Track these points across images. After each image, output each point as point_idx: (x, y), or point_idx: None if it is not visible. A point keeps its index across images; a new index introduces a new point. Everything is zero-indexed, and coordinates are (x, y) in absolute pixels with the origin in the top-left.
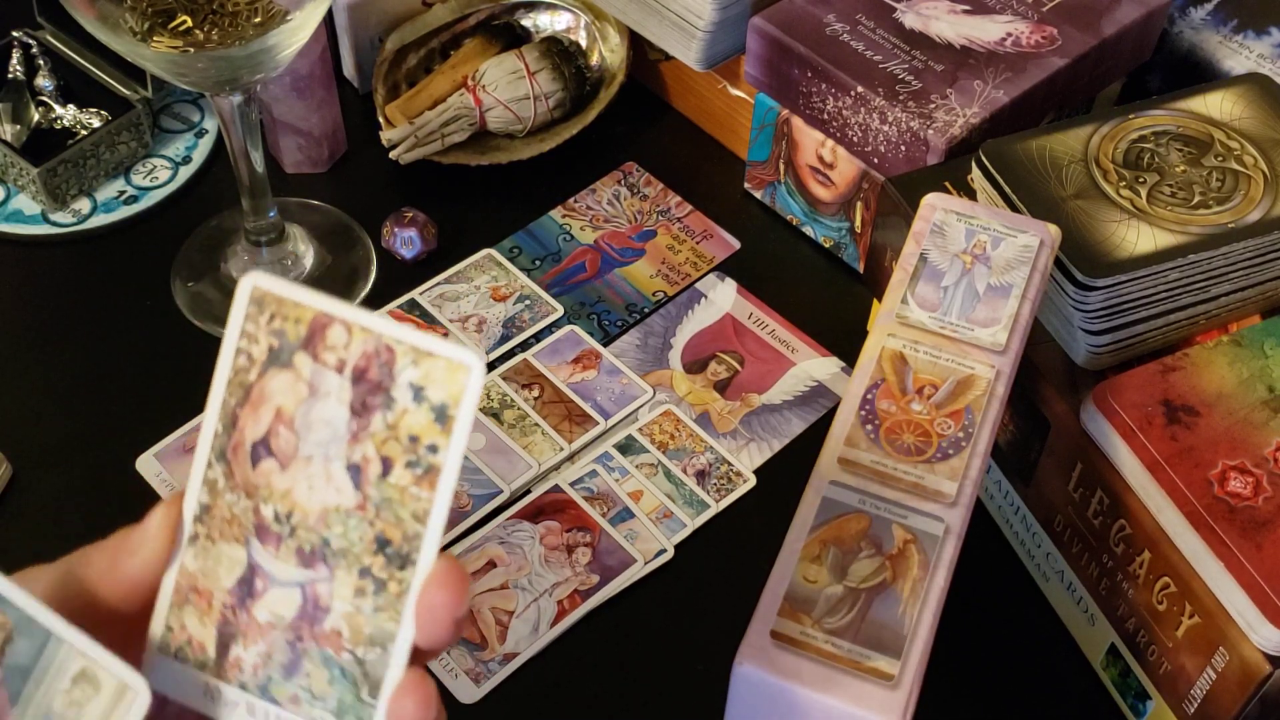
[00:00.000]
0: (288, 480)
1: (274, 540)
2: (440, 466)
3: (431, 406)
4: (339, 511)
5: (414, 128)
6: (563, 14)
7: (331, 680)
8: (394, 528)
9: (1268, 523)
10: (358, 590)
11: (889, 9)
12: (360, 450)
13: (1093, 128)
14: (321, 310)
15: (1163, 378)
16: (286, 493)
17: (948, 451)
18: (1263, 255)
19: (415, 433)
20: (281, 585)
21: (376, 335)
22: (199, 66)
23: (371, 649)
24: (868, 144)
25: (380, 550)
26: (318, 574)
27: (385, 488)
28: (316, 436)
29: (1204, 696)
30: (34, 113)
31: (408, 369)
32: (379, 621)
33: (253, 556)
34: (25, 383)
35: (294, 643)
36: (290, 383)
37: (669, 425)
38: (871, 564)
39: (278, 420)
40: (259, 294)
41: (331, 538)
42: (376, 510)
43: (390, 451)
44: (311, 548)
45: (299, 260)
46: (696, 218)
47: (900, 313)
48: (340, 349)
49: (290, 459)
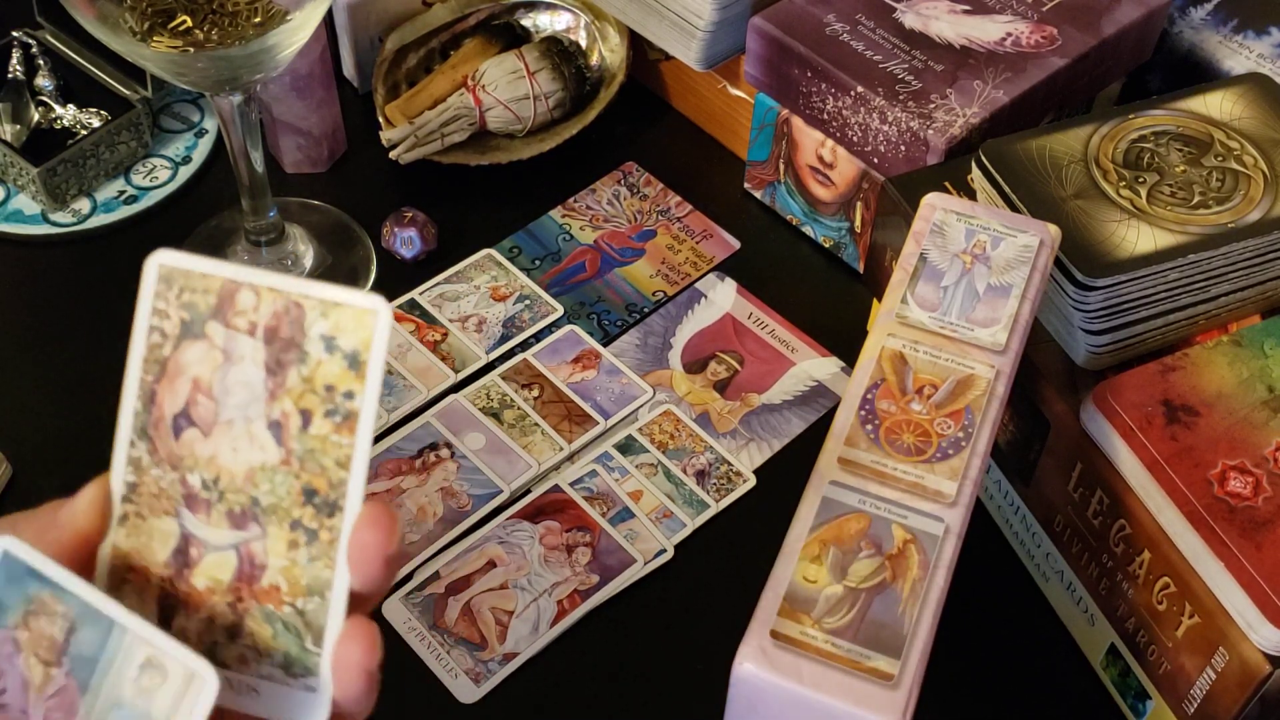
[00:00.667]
0: (211, 447)
1: (204, 507)
2: (358, 411)
3: (344, 355)
4: (264, 469)
5: (414, 128)
6: (563, 14)
7: (275, 635)
8: (319, 477)
9: (1267, 523)
10: (291, 543)
11: (889, 9)
12: (279, 407)
13: (1093, 128)
14: (228, 278)
15: (1162, 378)
16: (211, 459)
17: (947, 451)
18: (1262, 255)
19: (331, 382)
20: (216, 549)
21: (284, 294)
22: (199, 66)
23: (310, 599)
24: (868, 144)
25: (309, 501)
26: (250, 533)
27: (307, 439)
28: (235, 400)
29: (1204, 696)
30: (34, 113)
31: (318, 322)
32: (315, 571)
33: (184, 526)
34: (25, 382)
35: (234, 604)
36: (205, 352)
37: (669, 425)
38: (871, 564)
39: (195, 390)
40: (166, 271)
41: (260, 495)
42: (301, 462)
43: (308, 404)
44: (241, 508)
45: (299, 260)
46: (696, 218)
47: (900, 313)
48: (250, 312)
49: (212, 425)
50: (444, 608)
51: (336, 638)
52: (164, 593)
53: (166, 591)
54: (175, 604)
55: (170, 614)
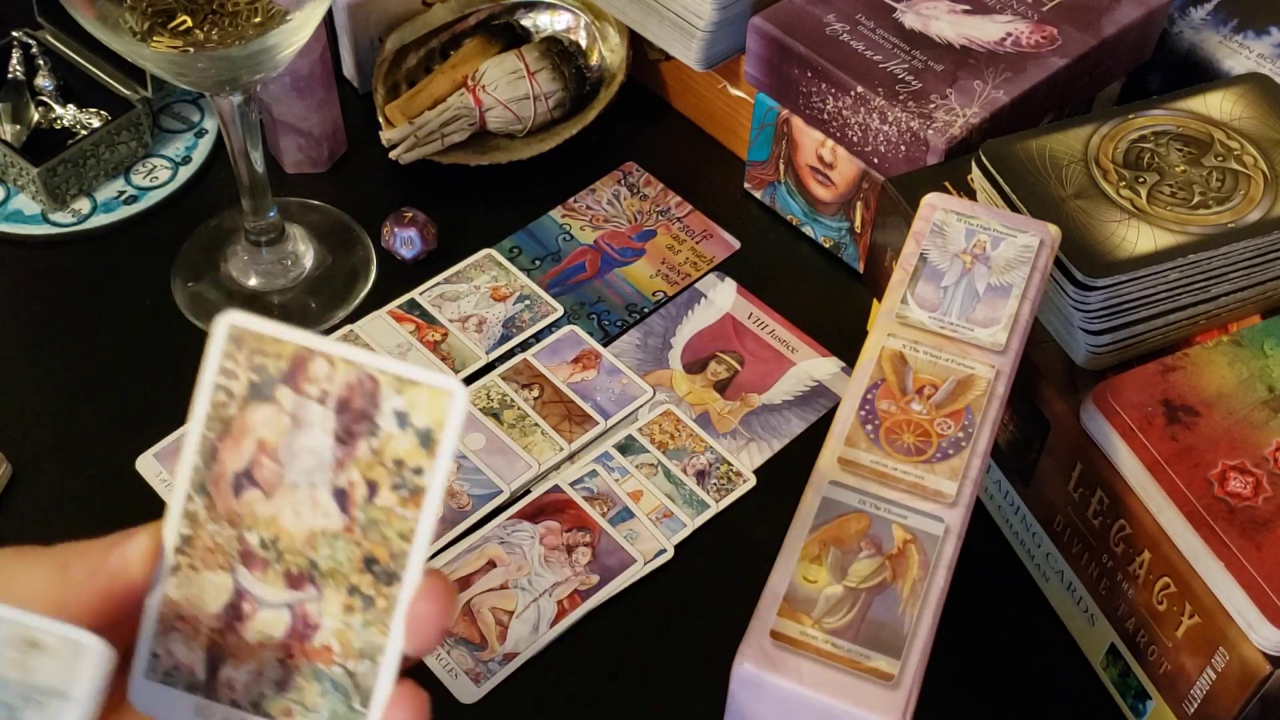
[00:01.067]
0: (273, 508)
1: (260, 565)
2: (425, 487)
3: (417, 432)
4: (326, 534)
5: (414, 128)
6: (562, 14)
7: (323, 693)
8: (381, 547)
9: (1267, 522)
10: (346, 607)
11: (889, 9)
12: (346, 476)
13: (1093, 128)
14: (301, 345)
15: (1163, 378)
16: (272, 520)
17: (947, 451)
18: (1262, 255)
19: (400, 457)
20: (270, 607)
21: (359, 366)
22: (199, 66)
23: (361, 661)
24: (868, 144)
25: (368, 569)
26: (306, 594)
27: (372, 510)
28: (301, 465)
29: (1204, 696)
30: (34, 113)
31: (391, 397)
32: (368, 635)
33: (239, 582)
34: (25, 383)
35: (285, 660)
36: (273, 415)
37: (669, 425)
38: (871, 564)
39: (260, 451)
40: (236, 332)
41: (319, 559)
42: (363, 531)
43: (376, 476)
44: (299, 570)
45: (299, 260)
46: (696, 218)
47: (900, 313)
48: (323, 381)
49: (275, 487)
50: None
51: (385, 701)
52: (213, 643)
53: (215, 642)
54: (224, 654)
55: (217, 663)
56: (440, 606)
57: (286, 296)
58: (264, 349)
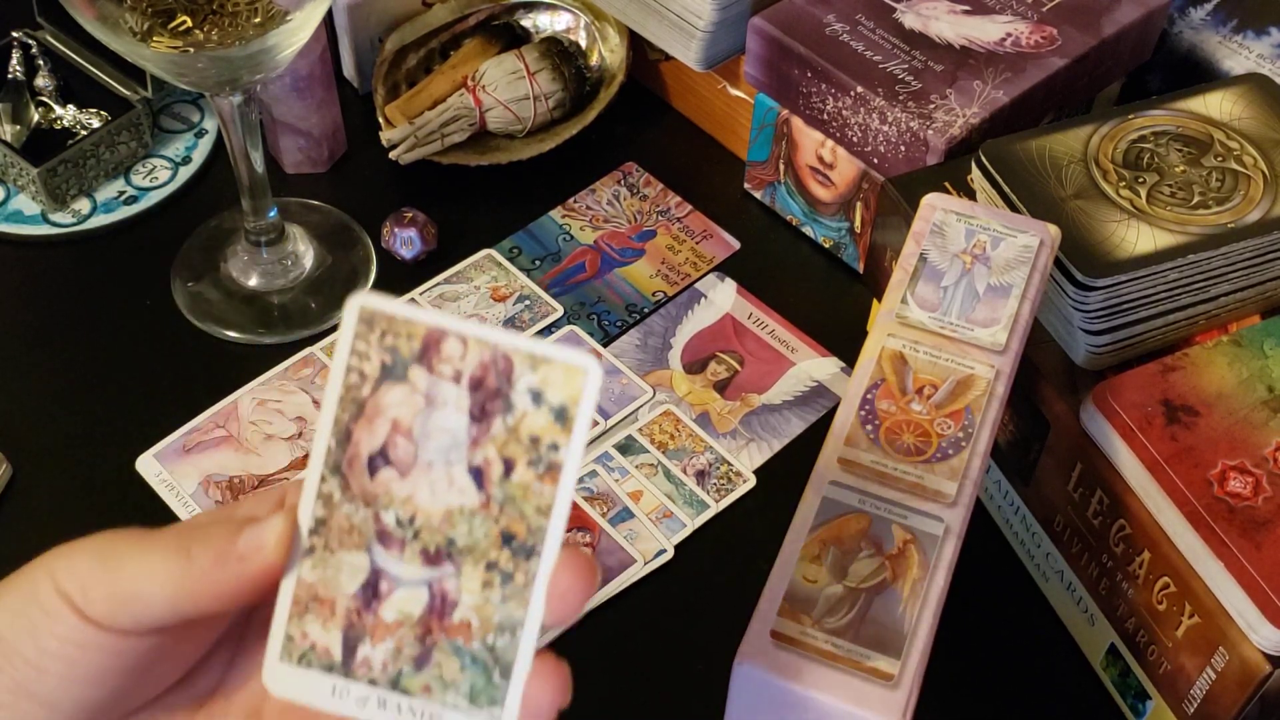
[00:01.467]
0: (408, 487)
1: (397, 544)
2: (562, 463)
3: (551, 408)
4: (463, 512)
5: (414, 128)
6: (562, 14)
7: (463, 667)
8: (518, 522)
9: (1267, 522)
10: (485, 583)
11: (889, 9)
12: (482, 453)
13: (1092, 128)
14: (433, 325)
15: (1162, 378)
16: (407, 499)
17: (947, 451)
18: (1262, 255)
19: (536, 434)
20: (407, 585)
21: (492, 345)
22: (199, 67)
23: (501, 635)
24: (867, 144)
25: (506, 544)
26: (444, 571)
27: (508, 487)
28: (436, 444)
29: (1204, 696)
30: (34, 113)
31: (526, 375)
32: (508, 610)
33: (375, 561)
34: (25, 383)
35: (423, 637)
36: (406, 395)
37: (669, 425)
38: (871, 564)
39: (395, 431)
40: (368, 313)
41: (456, 536)
42: (500, 508)
43: (512, 453)
44: (436, 548)
45: (299, 260)
46: (696, 218)
47: (900, 313)
48: (456, 360)
49: (409, 467)
50: None
51: (525, 673)
52: (349, 623)
53: (352, 622)
54: (361, 633)
55: (354, 643)
56: (583, 578)
57: (286, 297)
58: (395, 329)
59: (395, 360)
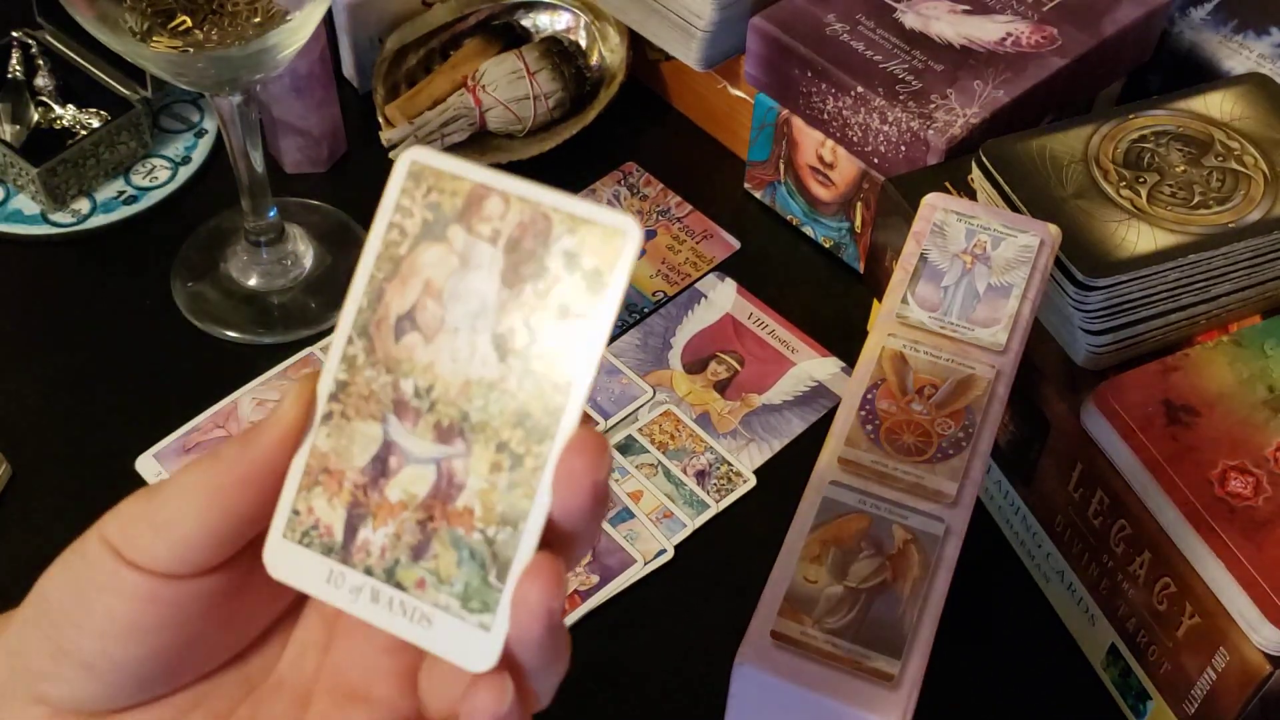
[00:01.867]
0: (431, 353)
1: (412, 416)
2: (587, 336)
3: (584, 273)
4: (482, 384)
5: (414, 128)
6: (562, 14)
7: (460, 562)
8: (536, 400)
9: (1268, 523)
10: (494, 465)
11: (889, 9)
12: (508, 321)
13: (1093, 128)
14: (480, 182)
15: (1163, 378)
16: (429, 366)
17: (948, 452)
18: (1263, 255)
19: (565, 300)
20: (416, 462)
21: (534, 204)
22: (198, 66)
23: (503, 528)
24: (868, 144)
25: (520, 423)
26: (454, 449)
27: (531, 359)
28: (464, 308)
29: (1204, 697)
30: (33, 113)
31: (563, 237)
32: (513, 499)
33: (389, 433)
34: (24, 383)
35: (424, 522)
36: (442, 255)
37: (669, 425)
38: (872, 564)
39: (425, 293)
40: (417, 168)
41: (472, 411)
42: (519, 382)
43: (538, 321)
44: (450, 422)
45: (299, 260)
46: (696, 218)
47: (900, 313)
48: (496, 219)
49: (435, 332)
50: None
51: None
52: (355, 500)
53: (357, 500)
54: (365, 513)
55: (357, 523)
56: (591, 460)
57: (286, 297)
58: (442, 185)
59: (437, 217)
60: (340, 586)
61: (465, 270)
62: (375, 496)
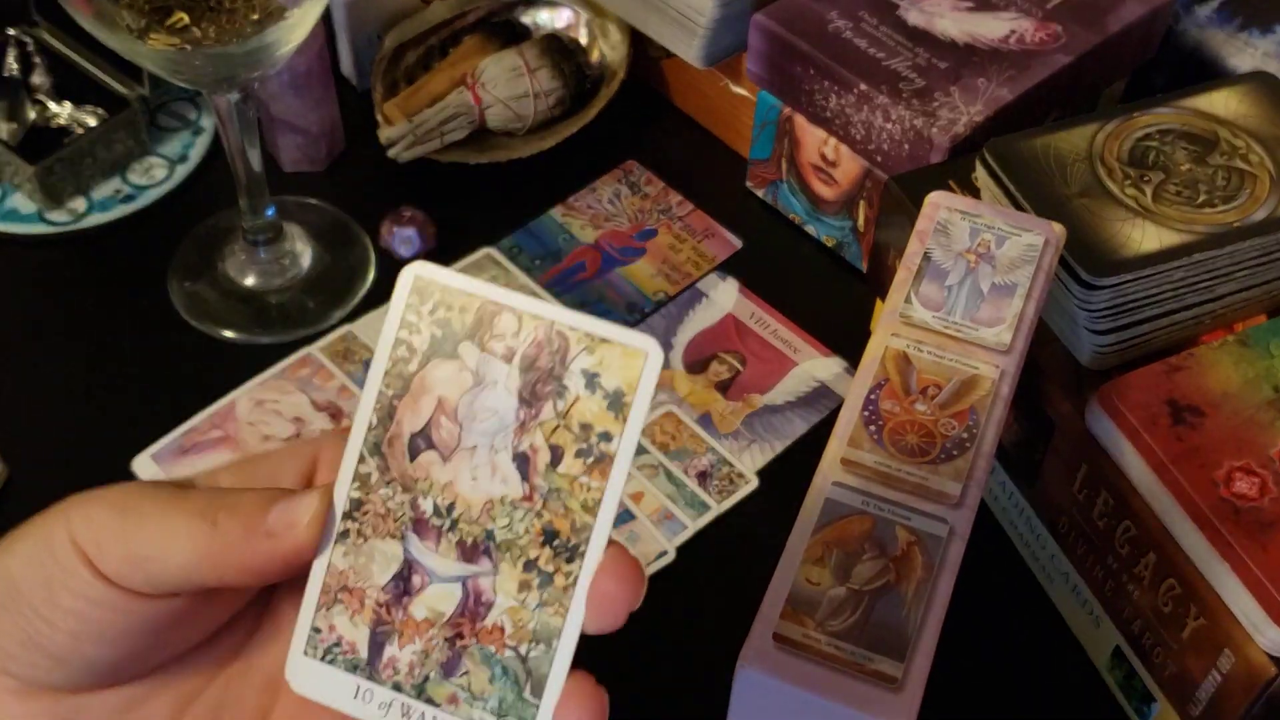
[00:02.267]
0: (449, 472)
1: (434, 535)
2: (613, 455)
3: (606, 394)
4: (504, 503)
5: (412, 126)
6: (562, 11)
7: (493, 679)
8: (562, 519)
9: (1274, 523)
10: (522, 584)
11: (892, 6)
12: (529, 440)
13: (1097, 126)
14: (490, 299)
15: (1168, 377)
16: (448, 485)
17: (952, 452)
18: (1269, 254)
19: (588, 420)
20: (441, 581)
21: (549, 322)
22: (196, 64)
23: (535, 646)
24: (871, 142)
25: (548, 542)
26: (480, 568)
27: (554, 478)
28: (482, 426)
29: (1209, 699)
30: (30, 111)
31: (581, 356)
32: (544, 617)
33: (410, 552)
34: (21, 383)
35: (453, 640)
36: (455, 372)
37: (670, 426)
38: (875, 566)
39: (439, 411)
40: (421, 284)
41: (496, 530)
42: (544, 501)
43: (561, 440)
44: (474, 541)
45: (297, 260)
46: (698, 216)
47: (904, 312)
48: (509, 337)
49: (453, 450)
50: None
51: (559, 690)
52: (378, 618)
53: (381, 618)
54: (390, 631)
55: (382, 641)
56: (628, 586)
57: (284, 296)
58: (450, 302)
59: (446, 334)
60: (369, 702)
61: (480, 388)
62: (400, 614)
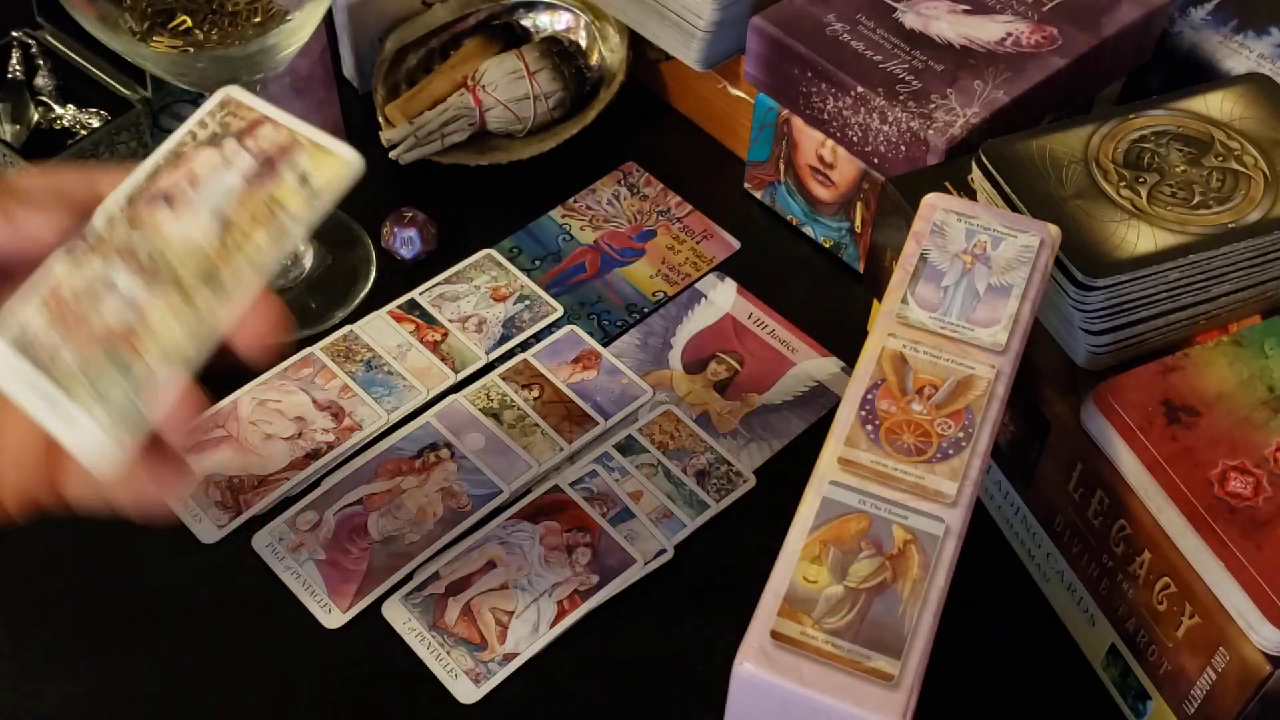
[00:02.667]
0: (170, 221)
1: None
2: (287, 229)
3: (310, 188)
4: (197, 249)
5: (414, 128)
6: (562, 14)
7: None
8: (229, 269)
9: (1268, 523)
10: (177, 312)
11: (889, 9)
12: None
13: (1093, 128)
14: (263, 114)
15: (1163, 378)
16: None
17: (948, 452)
18: (1263, 255)
19: (283, 200)
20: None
21: (291, 131)
22: (198, 66)
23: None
24: (868, 144)
25: (207, 282)
26: (153, 292)
27: (239, 237)
28: (210, 194)
29: (1204, 697)
30: (34, 113)
31: (302, 157)
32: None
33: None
34: None
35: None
36: (213, 157)
37: (669, 425)
38: (871, 564)
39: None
40: (227, 98)
41: (179, 265)
42: (224, 252)
43: (257, 211)
44: (158, 271)
45: (299, 260)
46: (696, 218)
47: (900, 313)
48: (263, 140)
49: (183, 208)
50: (444, 608)
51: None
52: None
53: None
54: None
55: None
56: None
57: (286, 296)
58: (238, 113)
59: (223, 132)
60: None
61: (224, 169)
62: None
